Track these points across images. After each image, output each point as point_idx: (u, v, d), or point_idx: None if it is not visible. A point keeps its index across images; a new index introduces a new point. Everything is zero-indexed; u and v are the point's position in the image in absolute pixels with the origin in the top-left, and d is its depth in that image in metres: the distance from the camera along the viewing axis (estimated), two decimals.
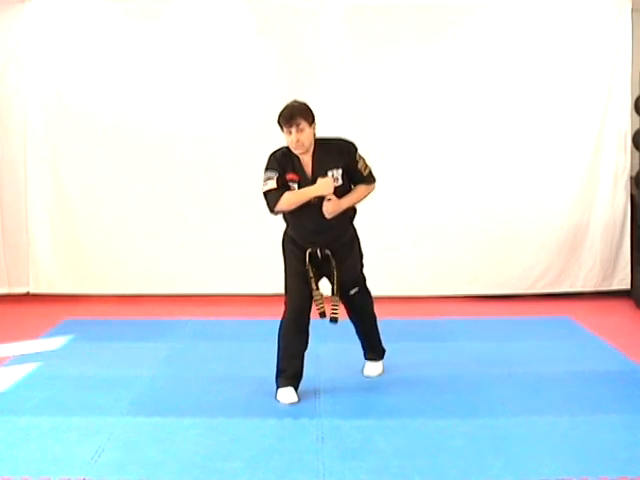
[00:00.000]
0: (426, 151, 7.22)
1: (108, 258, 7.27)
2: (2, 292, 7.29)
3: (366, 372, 4.96)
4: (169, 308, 6.94)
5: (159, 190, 7.22)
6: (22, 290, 7.34)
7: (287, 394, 4.49)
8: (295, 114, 4.33)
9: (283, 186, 4.41)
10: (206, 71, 7.19)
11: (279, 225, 4.73)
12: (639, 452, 3.74)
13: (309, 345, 4.61)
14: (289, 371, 4.54)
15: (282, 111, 4.38)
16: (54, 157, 7.20)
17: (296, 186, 4.40)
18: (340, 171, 4.43)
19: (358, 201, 4.56)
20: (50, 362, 5.27)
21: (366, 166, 4.53)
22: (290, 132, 4.33)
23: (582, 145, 7.22)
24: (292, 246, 4.58)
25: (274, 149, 4.53)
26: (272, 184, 4.41)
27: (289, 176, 4.42)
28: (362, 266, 4.78)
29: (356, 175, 4.51)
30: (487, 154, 7.22)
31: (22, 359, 5.31)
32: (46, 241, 7.26)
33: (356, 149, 4.53)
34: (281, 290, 4.67)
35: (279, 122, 4.38)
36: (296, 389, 4.53)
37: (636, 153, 7.30)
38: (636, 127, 7.19)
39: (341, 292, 4.64)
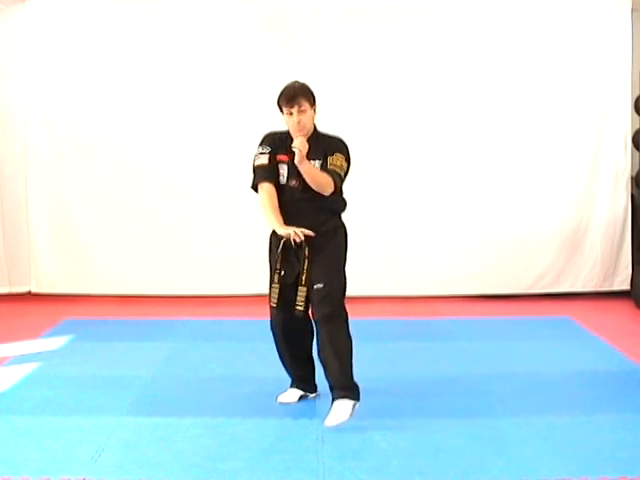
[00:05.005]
0: (426, 151, 7.23)
1: (108, 258, 7.27)
2: (3, 292, 7.29)
3: (328, 421, 4.02)
4: (169, 308, 6.94)
5: (159, 190, 7.22)
6: (23, 290, 7.34)
7: (285, 394, 4.49)
8: (297, 94, 4.10)
9: (274, 164, 4.20)
10: (206, 71, 7.19)
11: None
12: (639, 452, 3.74)
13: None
14: (291, 373, 4.51)
15: (283, 91, 4.14)
16: (54, 157, 7.20)
17: (285, 167, 4.19)
18: (317, 163, 4.14)
19: (317, 179, 4.10)
20: (50, 362, 5.27)
21: (338, 166, 4.14)
22: (291, 113, 4.10)
23: (582, 145, 7.23)
24: (274, 238, 4.25)
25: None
26: (264, 159, 4.21)
27: (280, 157, 4.21)
28: (344, 278, 4.22)
29: (325, 164, 4.17)
30: (487, 154, 7.23)
31: (22, 359, 5.31)
32: (47, 241, 7.27)
33: (343, 151, 4.21)
34: None
35: (279, 103, 4.14)
36: (302, 389, 4.49)
37: (636, 153, 7.30)
38: (636, 127, 7.19)
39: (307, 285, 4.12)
